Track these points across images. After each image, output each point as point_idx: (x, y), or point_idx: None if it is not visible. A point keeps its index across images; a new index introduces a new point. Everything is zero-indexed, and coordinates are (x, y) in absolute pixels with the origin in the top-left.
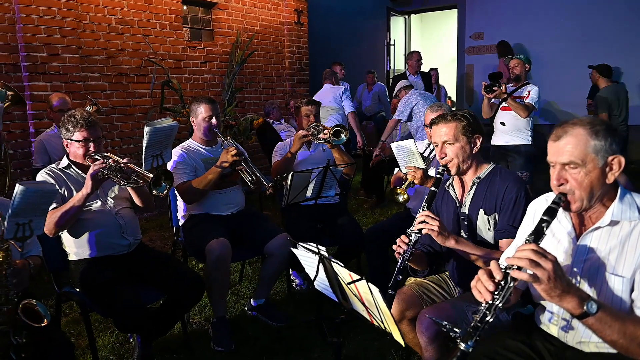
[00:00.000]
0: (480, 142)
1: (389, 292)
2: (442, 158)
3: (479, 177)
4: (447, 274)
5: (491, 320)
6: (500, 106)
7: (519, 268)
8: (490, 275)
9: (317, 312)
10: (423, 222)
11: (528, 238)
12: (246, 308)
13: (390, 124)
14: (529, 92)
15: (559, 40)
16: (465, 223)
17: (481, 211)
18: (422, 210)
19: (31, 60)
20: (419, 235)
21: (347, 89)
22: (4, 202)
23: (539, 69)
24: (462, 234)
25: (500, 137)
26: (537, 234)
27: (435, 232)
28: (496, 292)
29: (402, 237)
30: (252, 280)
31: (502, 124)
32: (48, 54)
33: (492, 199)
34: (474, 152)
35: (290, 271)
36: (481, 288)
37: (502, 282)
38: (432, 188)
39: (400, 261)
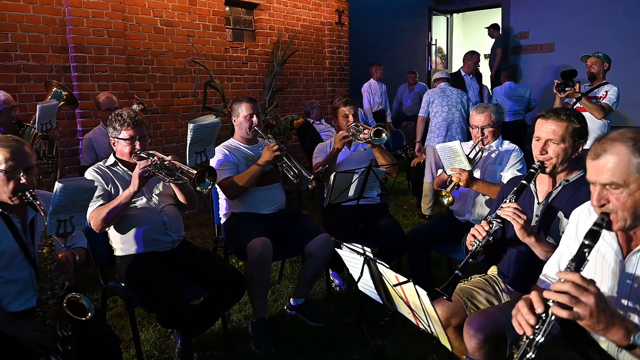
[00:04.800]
0: (582, 147)
1: (456, 272)
2: (540, 154)
3: (567, 180)
4: (494, 275)
5: (533, 356)
6: (574, 107)
7: (559, 303)
8: (531, 307)
9: (357, 314)
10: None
11: (569, 265)
12: (285, 307)
13: (418, 123)
14: (606, 92)
15: (608, 38)
16: (538, 219)
17: (560, 213)
18: (510, 201)
19: (80, 60)
20: (500, 224)
21: (385, 90)
22: (50, 197)
23: None
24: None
25: None
26: (579, 261)
27: (520, 225)
28: (537, 326)
29: (483, 222)
30: (292, 279)
31: None
32: (96, 55)
33: (574, 206)
34: (573, 157)
35: (330, 272)
36: (521, 321)
37: (544, 316)
38: (524, 181)
39: (475, 245)
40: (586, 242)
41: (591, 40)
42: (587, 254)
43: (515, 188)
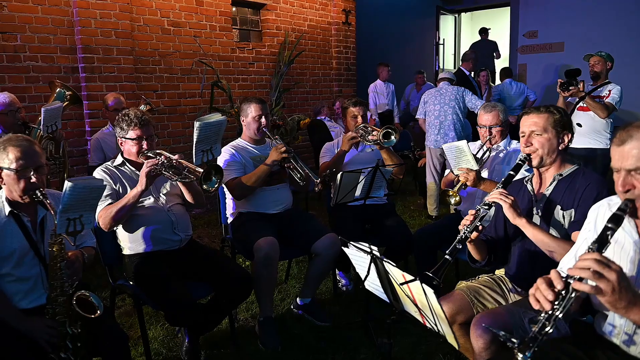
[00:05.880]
0: (568, 139)
1: (445, 256)
2: (526, 147)
3: (560, 174)
4: (502, 275)
5: (551, 331)
6: (577, 106)
7: (581, 279)
8: (550, 284)
9: (364, 313)
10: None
11: (591, 247)
12: (292, 307)
13: (420, 125)
14: (609, 91)
15: (618, 37)
16: (539, 217)
17: (558, 207)
18: (497, 189)
19: (88, 61)
20: (488, 210)
21: (392, 90)
22: (60, 197)
23: None
24: None
25: (576, 139)
26: (601, 243)
27: (507, 204)
28: (556, 302)
29: (471, 211)
30: (298, 279)
31: (579, 125)
32: (104, 56)
33: (570, 196)
34: (560, 148)
35: (337, 271)
36: (540, 297)
37: (563, 292)
38: (511, 172)
39: (463, 232)
40: (609, 226)
41: (601, 40)
42: (609, 237)
43: (503, 179)
